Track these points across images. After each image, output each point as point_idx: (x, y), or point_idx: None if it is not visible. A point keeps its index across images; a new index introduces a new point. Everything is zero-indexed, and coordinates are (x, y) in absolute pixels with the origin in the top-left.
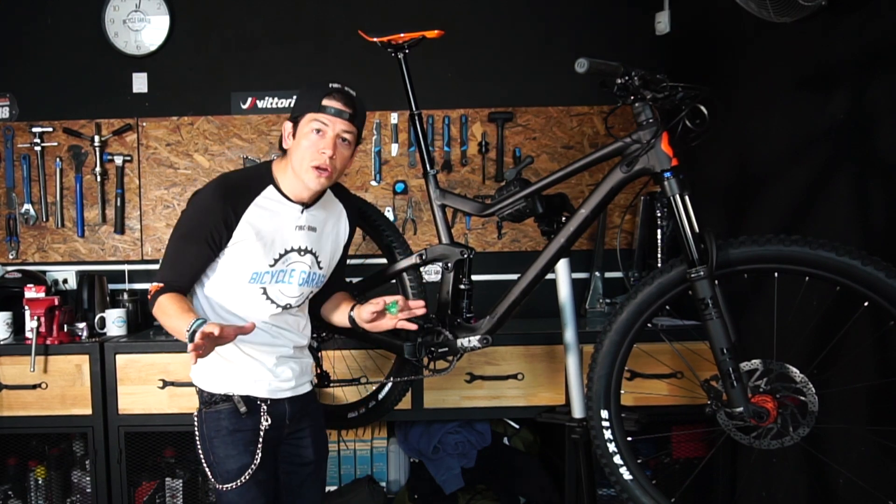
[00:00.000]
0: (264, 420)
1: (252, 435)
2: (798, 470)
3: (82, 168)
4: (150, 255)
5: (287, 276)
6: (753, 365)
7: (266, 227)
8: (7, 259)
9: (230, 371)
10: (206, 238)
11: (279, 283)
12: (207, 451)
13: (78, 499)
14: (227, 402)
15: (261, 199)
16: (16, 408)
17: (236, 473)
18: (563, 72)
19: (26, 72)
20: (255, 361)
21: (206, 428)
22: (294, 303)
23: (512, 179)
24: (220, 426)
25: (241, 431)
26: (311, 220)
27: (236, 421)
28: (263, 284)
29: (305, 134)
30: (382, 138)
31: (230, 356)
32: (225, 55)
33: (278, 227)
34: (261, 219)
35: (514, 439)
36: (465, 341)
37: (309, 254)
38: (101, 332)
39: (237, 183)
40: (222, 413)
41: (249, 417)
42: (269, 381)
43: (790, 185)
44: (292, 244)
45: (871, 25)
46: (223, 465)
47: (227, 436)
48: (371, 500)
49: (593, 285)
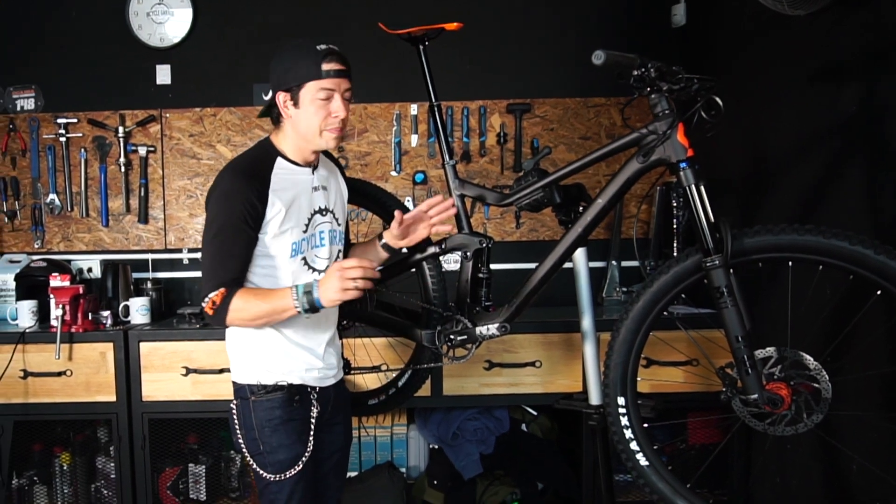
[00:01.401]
0: (315, 408)
1: (303, 424)
2: (812, 456)
3: (107, 158)
4: (174, 245)
5: (318, 239)
6: (768, 352)
7: (291, 195)
8: (32, 248)
9: (285, 361)
10: (245, 221)
11: (314, 248)
12: (256, 441)
13: (102, 484)
14: (281, 391)
15: (276, 170)
16: (41, 395)
17: (289, 463)
18: (581, 64)
19: (51, 64)
20: (303, 350)
21: (255, 418)
22: (328, 264)
23: (530, 170)
24: (272, 415)
25: (293, 420)
26: (321, 179)
27: (289, 410)
28: (303, 254)
29: (312, 101)
30: (402, 129)
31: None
32: (247, 47)
33: (300, 193)
34: (284, 189)
35: (532, 426)
36: (484, 329)
37: (328, 212)
38: (125, 320)
39: (248, 164)
40: (275, 402)
41: (301, 406)
42: (319, 368)
43: (803, 176)
44: (315, 206)
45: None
46: (275, 454)
47: (281, 425)
48: (391, 485)
49: (610, 274)
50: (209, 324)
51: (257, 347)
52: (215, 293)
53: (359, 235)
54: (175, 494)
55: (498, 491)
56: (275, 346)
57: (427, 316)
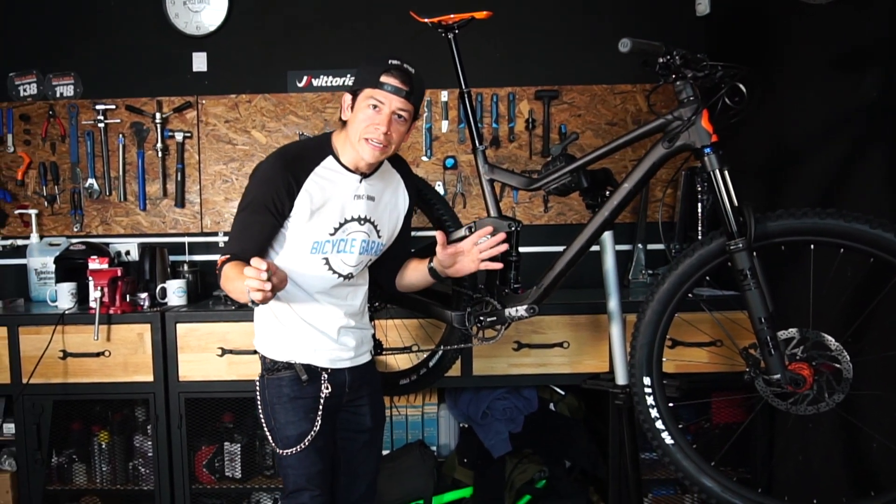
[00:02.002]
0: (324, 388)
1: (312, 402)
2: (833, 435)
3: (144, 144)
4: (210, 228)
5: (348, 246)
6: (790, 333)
7: (325, 196)
8: (72, 232)
9: (293, 340)
10: (269, 207)
11: (340, 253)
12: (269, 416)
13: (140, 462)
14: (289, 369)
15: (320, 168)
16: (80, 375)
17: (296, 439)
18: (607, 51)
19: (90, 51)
20: (316, 331)
21: (268, 394)
22: (355, 272)
23: (558, 155)
24: (281, 393)
25: (301, 399)
26: (370, 189)
27: (297, 388)
28: (325, 255)
29: (362, 108)
30: (433, 115)
31: (294, 325)
32: (281, 35)
33: (337, 196)
34: (320, 188)
35: (560, 405)
36: (513, 311)
37: (368, 223)
38: (163, 301)
39: (297, 153)
40: (284, 380)
41: (310, 385)
42: (331, 350)
43: (825, 161)
44: (351, 213)
45: None
46: (283, 430)
47: (288, 402)
48: (422, 463)
49: (636, 257)
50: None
51: (272, 325)
52: (222, 258)
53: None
54: (211, 472)
55: (526, 469)
56: (287, 324)
57: (457, 298)
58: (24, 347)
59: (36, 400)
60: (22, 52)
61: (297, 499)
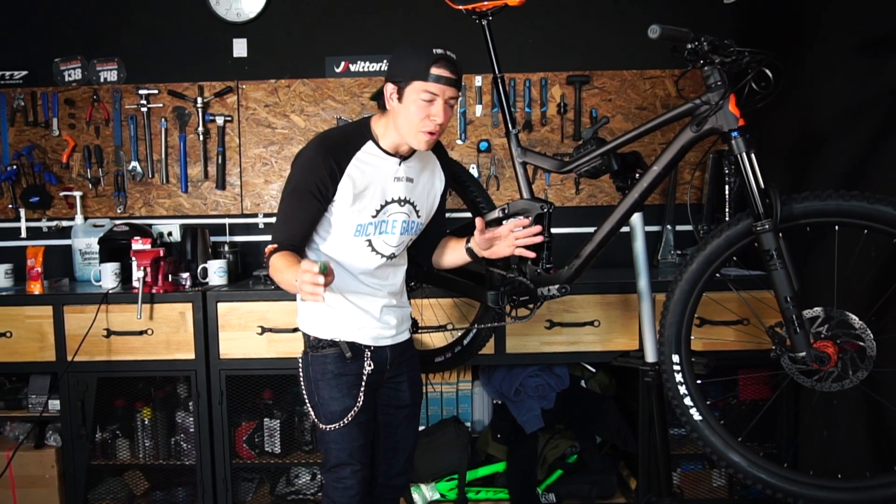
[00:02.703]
0: (367, 365)
1: (355, 379)
2: (857, 411)
3: (186, 128)
4: (249, 210)
5: (389, 227)
6: (815, 312)
7: (367, 180)
8: (115, 213)
9: (338, 318)
10: (314, 192)
11: (383, 234)
12: (312, 392)
13: (182, 438)
14: (334, 347)
15: (361, 153)
16: (123, 353)
17: (339, 415)
18: (637, 37)
19: (133, 37)
20: (360, 310)
21: (311, 371)
22: (396, 252)
23: (589, 138)
24: (325, 370)
25: (345, 375)
26: (408, 171)
27: (341, 365)
28: (368, 236)
29: (414, 100)
30: (467, 100)
31: (339, 305)
32: (319, 21)
33: (378, 180)
34: (362, 172)
35: (591, 382)
36: (545, 290)
37: (407, 203)
38: (204, 281)
39: (338, 139)
40: (328, 357)
41: (354, 362)
42: (374, 328)
43: (850, 144)
44: (392, 195)
45: None
46: (327, 406)
47: (333, 379)
48: (457, 439)
49: (665, 237)
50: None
51: (316, 305)
52: (270, 246)
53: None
54: (251, 447)
55: (558, 444)
56: (332, 304)
57: (491, 278)
58: (69, 326)
59: (80, 377)
60: (67, 38)
61: (338, 473)
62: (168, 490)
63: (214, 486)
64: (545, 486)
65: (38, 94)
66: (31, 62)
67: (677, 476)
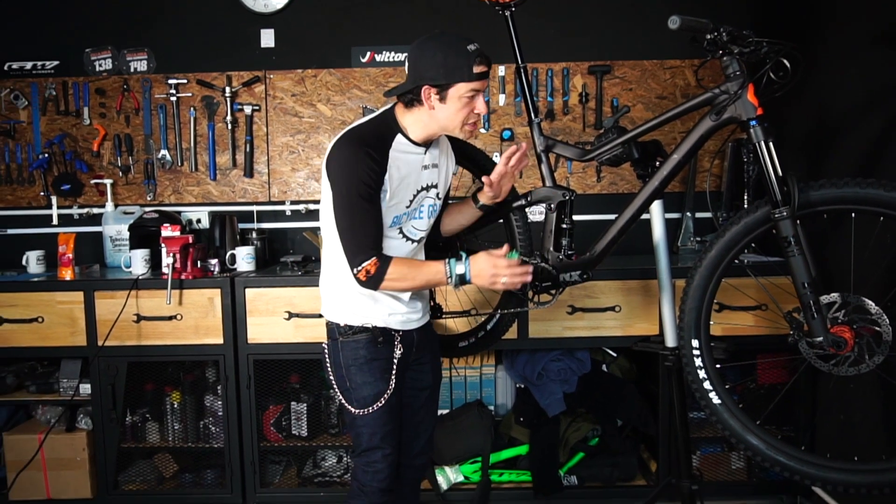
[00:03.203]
0: (398, 349)
1: (386, 363)
2: (873, 395)
3: (214, 117)
4: (277, 197)
5: (418, 213)
6: (832, 298)
7: (402, 174)
8: (145, 200)
9: (370, 305)
10: (372, 189)
11: (412, 220)
12: (343, 378)
13: (210, 421)
14: (365, 333)
15: (395, 149)
16: (153, 337)
17: (372, 399)
18: (657, 28)
19: (163, 28)
20: (388, 296)
21: (342, 357)
22: (424, 235)
23: (610, 127)
24: (357, 355)
25: (377, 360)
26: (432, 158)
27: (373, 350)
28: (401, 224)
29: (459, 98)
30: (491, 89)
31: (372, 293)
32: (345, 12)
33: (412, 172)
34: (397, 167)
35: (612, 366)
36: (567, 276)
37: (433, 188)
38: (232, 267)
39: (371, 135)
40: (360, 343)
41: (384, 347)
42: (403, 313)
43: (866, 133)
44: (422, 183)
45: None
46: (360, 391)
47: (365, 364)
48: (480, 422)
49: (685, 224)
50: (311, 272)
51: (347, 291)
52: (368, 262)
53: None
54: (278, 430)
55: (580, 427)
56: (362, 291)
57: None
58: (100, 311)
59: (111, 361)
60: (98, 28)
61: (369, 457)
62: (197, 472)
63: (242, 468)
64: (567, 469)
65: (70, 84)
66: (62, 52)
67: (697, 458)
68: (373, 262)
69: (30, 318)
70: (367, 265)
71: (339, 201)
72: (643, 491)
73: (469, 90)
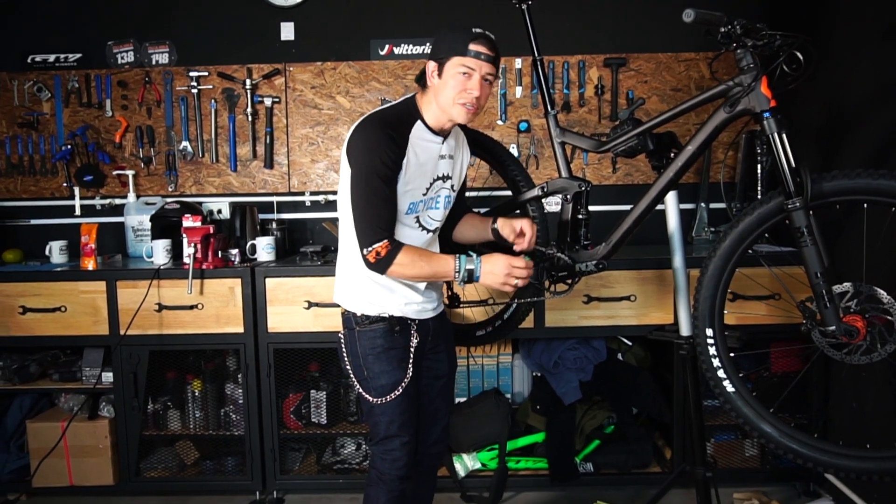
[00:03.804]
0: (414, 338)
1: (403, 352)
2: (885, 383)
3: (235, 109)
4: (297, 188)
5: (434, 203)
6: (845, 287)
7: (420, 160)
8: (167, 191)
9: (386, 295)
10: (390, 171)
11: (428, 210)
12: (361, 367)
13: (231, 409)
14: (382, 322)
15: (414, 134)
16: (174, 326)
17: (390, 388)
18: (672, 21)
19: (184, 21)
20: (405, 286)
21: (360, 346)
22: (439, 225)
23: (625, 119)
24: (375, 344)
25: (394, 349)
26: (449, 148)
27: (390, 339)
28: (417, 213)
29: (453, 75)
30: (507, 82)
31: (386, 283)
32: (364, 5)
33: (429, 159)
34: (415, 153)
35: (627, 355)
36: (583, 266)
37: (449, 179)
38: (252, 257)
39: (393, 119)
40: (377, 332)
41: (401, 336)
42: (419, 303)
43: (878, 125)
44: (438, 172)
45: None
46: (377, 380)
47: (382, 353)
48: (497, 410)
49: (699, 215)
50: (330, 262)
51: (363, 281)
52: (379, 244)
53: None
54: (298, 418)
55: (596, 415)
56: (378, 281)
57: (531, 254)
58: (122, 301)
59: (133, 350)
60: (119, 21)
61: (387, 445)
62: (217, 459)
63: (262, 455)
64: (583, 456)
65: (92, 77)
66: (84, 45)
67: (711, 446)
68: (384, 244)
69: (53, 307)
70: (377, 247)
71: (357, 181)
72: (658, 478)
73: (461, 65)
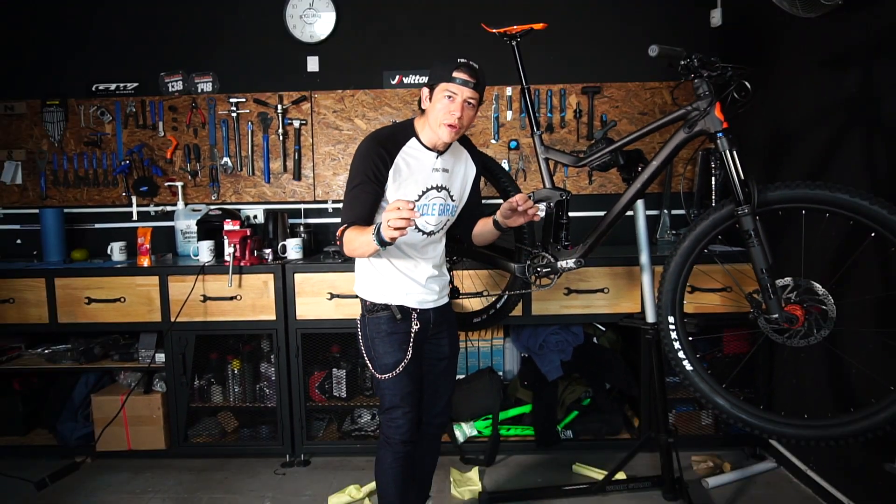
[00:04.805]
0: (414, 325)
1: (404, 336)
2: (820, 363)
3: (268, 130)
4: (321, 197)
5: (430, 209)
6: (786, 281)
7: (411, 170)
8: (210, 200)
9: (389, 286)
10: (371, 177)
11: (424, 215)
12: (369, 348)
13: (265, 385)
14: (386, 310)
15: (406, 147)
16: (217, 315)
17: (392, 366)
18: (640, 55)
19: (225, 55)
20: (408, 279)
21: (368, 330)
22: (436, 229)
23: (599, 138)
24: (380, 329)
25: (396, 334)
26: (444, 163)
27: (393, 325)
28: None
29: (439, 99)
30: (500, 106)
31: (391, 274)
32: (378, 42)
33: (421, 169)
34: (406, 163)
35: (602, 339)
36: (564, 263)
37: (444, 190)
38: (283, 256)
39: (387, 135)
40: (382, 319)
41: (403, 322)
42: (419, 294)
43: (814, 143)
44: (431, 183)
45: (878, 19)
46: (382, 359)
47: (386, 336)
48: (490, 385)
49: (662, 220)
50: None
51: (371, 275)
52: (339, 230)
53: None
54: (322, 392)
55: (574, 390)
56: (385, 274)
57: (519, 253)
58: (172, 292)
59: (182, 335)
60: (170, 55)
61: (391, 414)
62: (254, 427)
63: (292, 424)
64: (564, 424)
65: (147, 102)
66: (140, 76)
67: (672, 416)
68: (341, 230)
69: (114, 298)
70: (338, 231)
71: (349, 182)
72: (628, 443)
73: (446, 90)
